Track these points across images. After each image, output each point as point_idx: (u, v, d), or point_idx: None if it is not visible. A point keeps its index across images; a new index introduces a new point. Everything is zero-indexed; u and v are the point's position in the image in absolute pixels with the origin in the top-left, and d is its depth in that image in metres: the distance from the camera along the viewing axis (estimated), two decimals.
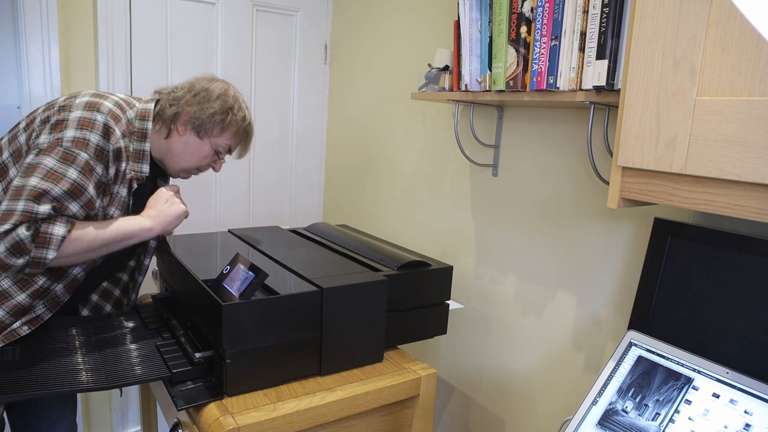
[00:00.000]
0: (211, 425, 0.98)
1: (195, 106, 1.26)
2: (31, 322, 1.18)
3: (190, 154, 1.29)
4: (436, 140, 1.76)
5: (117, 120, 1.18)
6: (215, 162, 1.35)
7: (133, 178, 1.23)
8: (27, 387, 0.97)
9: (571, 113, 1.33)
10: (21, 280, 1.15)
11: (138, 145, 1.23)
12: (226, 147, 1.33)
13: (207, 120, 1.26)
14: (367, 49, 2.07)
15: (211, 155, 1.32)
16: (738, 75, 0.68)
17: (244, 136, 1.34)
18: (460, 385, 1.71)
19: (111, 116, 1.17)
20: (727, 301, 0.93)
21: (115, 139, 1.16)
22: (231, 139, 1.32)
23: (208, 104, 1.26)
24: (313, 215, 2.42)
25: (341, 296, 1.13)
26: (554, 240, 1.39)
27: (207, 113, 1.26)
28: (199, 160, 1.31)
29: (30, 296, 1.16)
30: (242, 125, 1.31)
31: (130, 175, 1.22)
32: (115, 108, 1.19)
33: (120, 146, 1.18)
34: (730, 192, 0.72)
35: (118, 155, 1.18)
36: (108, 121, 1.15)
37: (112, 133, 1.16)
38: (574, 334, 1.35)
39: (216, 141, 1.30)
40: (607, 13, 0.99)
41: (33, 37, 1.70)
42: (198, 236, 1.50)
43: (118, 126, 1.18)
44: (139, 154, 1.23)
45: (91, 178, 1.11)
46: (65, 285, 1.21)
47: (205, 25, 1.99)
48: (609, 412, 0.90)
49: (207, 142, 1.29)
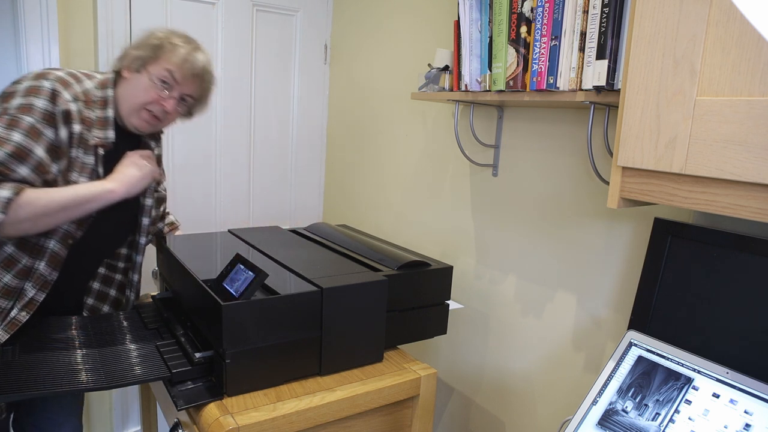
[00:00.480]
0: (211, 425, 0.98)
1: (134, 48, 1.27)
2: (28, 307, 1.19)
3: (132, 91, 1.26)
4: (436, 140, 1.76)
5: (66, 85, 1.20)
6: (162, 98, 1.27)
7: (98, 145, 1.24)
8: (27, 387, 0.97)
9: (571, 113, 1.32)
10: (3, 261, 1.17)
11: (101, 113, 1.24)
12: (166, 76, 1.26)
13: (142, 52, 1.26)
14: (367, 49, 2.07)
15: (152, 87, 1.26)
16: (738, 75, 0.68)
17: (186, 62, 1.27)
18: (460, 385, 1.71)
19: (59, 82, 1.18)
20: (727, 301, 0.93)
21: (63, 101, 1.17)
22: (168, 64, 1.25)
23: (143, 40, 1.27)
24: (313, 215, 2.42)
25: (341, 296, 1.13)
26: (554, 240, 1.39)
27: (142, 46, 1.26)
28: (142, 95, 1.26)
29: (16, 276, 1.18)
30: (178, 51, 1.26)
31: (94, 141, 1.23)
32: (66, 76, 1.22)
33: (69, 108, 1.18)
34: (730, 192, 0.72)
35: (68, 117, 1.18)
36: (55, 86, 1.17)
37: (58, 96, 1.16)
38: (574, 334, 1.35)
39: (153, 69, 1.26)
40: (607, 13, 0.99)
41: (33, 37, 1.70)
42: (198, 236, 1.50)
43: (68, 90, 1.19)
44: (102, 121, 1.24)
45: (38, 141, 1.12)
46: (47, 262, 1.22)
47: (205, 25, 1.99)
48: (609, 412, 0.90)
49: (145, 74, 1.26)
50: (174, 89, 1.27)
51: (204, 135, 2.07)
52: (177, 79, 1.27)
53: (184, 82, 1.28)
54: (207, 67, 1.31)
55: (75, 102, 1.20)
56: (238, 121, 2.13)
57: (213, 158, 2.10)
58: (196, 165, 2.07)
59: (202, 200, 2.11)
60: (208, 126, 2.07)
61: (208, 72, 1.32)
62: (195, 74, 1.29)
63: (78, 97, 1.21)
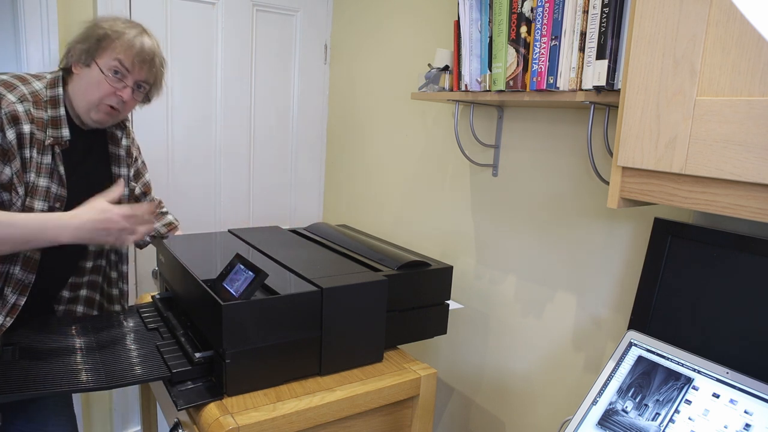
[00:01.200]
0: (211, 425, 0.98)
1: (79, 42, 1.25)
2: (11, 313, 1.19)
3: (86, 87, 1.24)
4: (436, 140, 1.76)
5: (10, 87, 1.19)
6: (117, 89, 1.24)
7: (54, 144, 1.23)
8: (27, 387, 0.97)
9: (571, 113, 1.32)
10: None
11: (53, 112, 1.23)
12: (116, 65, 1.24)
13: (88, 45, 1.23)
14: (367, 49, 2.07)
15: (104, 79, 1.24)
16: (738, 75, 0.68)
17: (133, 49, 1.23)
18: (460, 385, 1.71)
19: (2, 84, 1.18)
20: (727, 301, 0.93)
21: (7, 102, 1.16)
22: (116, 54, 1.22)
23: (87, 32, 1.24)
24: (313, 215, 2.42)
25: (341, 296, 1.13)
26: (554, 240, 1.39)
27: (87, 39, 1.24)
28: (95, 89, 1.23)
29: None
30: (124, 38, 1.23)
31: (50, 141, 1.22)
32: (10, 79, 1.21)
33: (15, 110, 1.17)
34: (730, 192, 0.72)
35: (15, 119, 1.17)
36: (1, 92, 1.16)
37: (1, 98, 1.16)
38: (574, 334, 1.35)
39: (102, 62, 1.23)
40: (607, 13, 0.99)
41: (33, 36, 1.70)
42: (198, 236, 1.50)
43: (13, 92, 1.18)
44: (55, 120, 1.23)
45: None
46: (22, 266, 1.22)
47: (205, 25, 1.99)
48: (609, 412, 0.90)
49: (95, 67, 1.23)
50: (127, 78, 1.25)
51: (204, 135, 2.07)
52: (128, 68, 1.24)
53: (135, 69, 1.25)
54: (156, 49, 1.29)
55: (21, 103, 1.19)
56: (238, 121, 2.13)
57: (213, 158, 2.10)
58: (196, 165, 2.07)
59: (202, 200, 2.11)
60: (208, 126, 2.07)
61: (157, 55, 1.30)
62: (145, 59, 1.26)
63: (25, 98, 1.20)
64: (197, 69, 1.99)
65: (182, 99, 1.99)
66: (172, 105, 1.97)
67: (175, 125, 1.99)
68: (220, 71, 2.05)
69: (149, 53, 1.26)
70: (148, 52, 1.26)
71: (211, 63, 2.02)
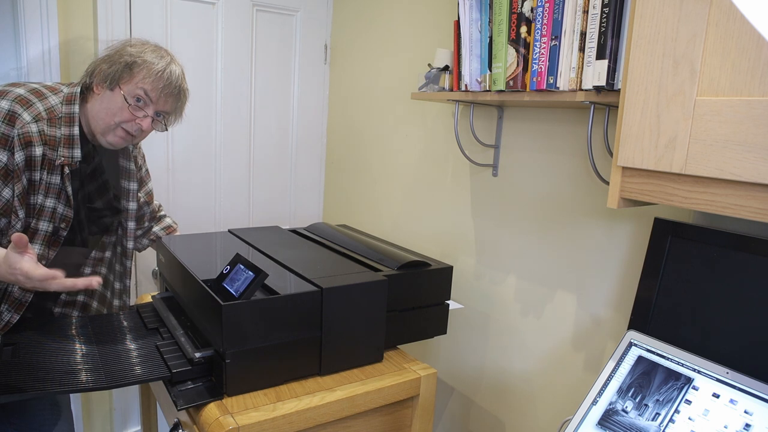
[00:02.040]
0: (211, 425, 0.98)
1: (105, 63, 1.22)
2: (2, 329, 1.21)
3: (106, 110, 1.22)
4: (436, 140, 1.76)
5: (27, 105, 1.17)
6: (139, 117, 1.24)
7: (65, 164, 1.21)
8: (27, 387, 0.97)
9: (571, 113, 1.33)
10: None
11: (67, 130, 1.21)
12: (141, 94, 1.23)
13: (114, 69, 1.21)
14: (367, 49, 2.07)
15: (126, 106, 1.22)
16: (738, 75, 0.68)
17: (160, 81, 1.23)
18: (460, 385, 1.71)
19: (18, 102, 1.16)
20: (727, 301, 0.93)
21: (21, 123, 1.14)
22: (142, 83, 1.22)
23: (116, 56, 1.23)
24: (313, 215, 2.42)
25: (341, 296, 1.13)
26: (554, 240, 1.39)
27: (114, 63, 1.22)
28: (116, 114, 1.22)
29: None
30: (152, 69, 1.22)
31: (60, 161, 1.20)
32: (27, 94, 1.18)
33: (28, 131, 1.15)
34: (730, 192, 0.72)
35: (28, 142, 1.15)
36: (13, 107, 1.14)
37: (17, 118, 1.14)
38: (574, 334, 1.35)
39: (127, 88, 1.22)
40: (607, 13, 0.99)
41: (33, 36, 1.70)
42: (198, 236, 1.50)
43: (29, 111, 1.16)
44: (68, 139, 1.21)
45: None
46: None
47: (205, 25, 1.99)
48: (609, 412, 0.90)
49: (118, 92, 1.21)
50: (149, 107, 1.24)
51: (204, 135, 2.07)
52: (152, 98, 1.24)
53: (161, 100, 1.25)
54: (181, 83, 1.28)
55: (36, 122, 1.17)
56: (238, 121, 2.13)
57: (213, 158, 2.10)
58: (196, 165, 2.07)
59: (202, 200, 2.11)
60: (208, 126, 2.07)
61: (183, 88, 1.29)
62: (171, 92, 1.25)
63: (40, 117, 1.18)
64: (197, 69, 1.99)
65: None
66: None
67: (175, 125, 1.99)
68: (220, 71, 2.05)
69: (176, 86, 1.26)
70: (174, 84, 1.25)
71: (211, 63, 2.02)
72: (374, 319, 1.20)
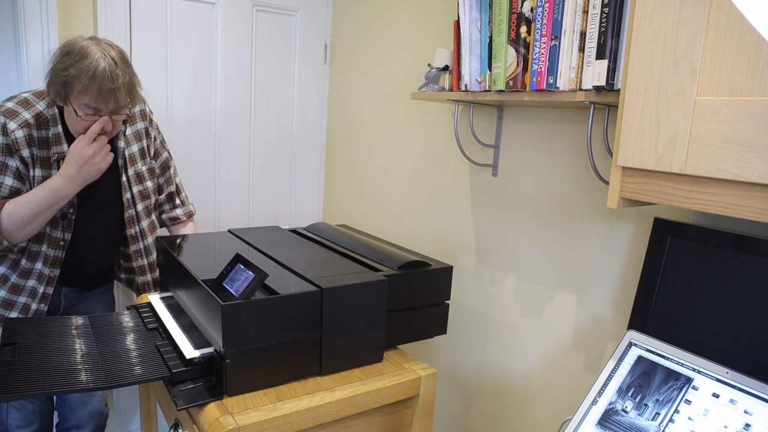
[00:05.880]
0: (211, 425, 0.98)
1: (50, 84, 1.28)
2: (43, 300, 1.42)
3: (70, 120, 1.32)
4: (436, 140, 1.76)
5: (14, 115, 1.30)
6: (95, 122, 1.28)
7: (59, 159, 1.34)
8: (26, 387, 0.97)
9: (571, 113, 1.33)
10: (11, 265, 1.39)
11: (55, 130, 1.34)
12: (85, 108, 1.26)
13: (57, 89, 1.27)
14: (367, 49, 2.07)
15: (83, 119, 1.27)
16: (738, 75, 0.68)
17: (93, 90, 1.23)
18: (460, 385, 1.71)
19: (6, 114, 1.29)
20: (727, 301, 0.93)
21: (8, 131, 1.29)
22: (81, 98, 1.24)
23: (54, 74, 1.26)
24: (313, 215, 2.42)
25: (341, 296, 1.13)
26: (554, 240, 1.39)
27: (55, 83, 1.26)
28: (78, 124, 1.29)
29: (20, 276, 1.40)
30: (83, 84, 1.22)
31: (55, 157, 1.34)
32: (15, 106, 1.31)
33: (16, 137, 1.29)
34: (729, 192, 0.72)
35: (16, 146, 1.30)
36: (4, 122, 1.29)
37: (6, 128, 1.29)
38: (574, 334, 1.35)
39: (74, 103, 1.26)
40: (607, 13, 0.99)
41: (33, 37, 1.70)
42: (198, 236, 1.50)
43: (16, 120, 1.29)
44: (57, 137, 1.34)
45: (6, 172, 1.31)
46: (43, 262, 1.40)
47: (205, 25, 1.99)
48: (609, 412, 0.90)
49: (70, 107, 1.28)
50: (100, 112, 1.30)
51: (204, 135, 2.07)
52: (96, 107, 1.28)
53: (103, 105, 1.28)
54: (114, 73, 1.24)
55: (22, 129, 1.29)
56: (238, 121, 2.13)
57: (213, 158, 2.11)
58: (196, 165, 2.07)
59: (202, 200, 2.11)
60: (208, 126, 2.07)
61: (119, 78, 1.25)
62: (108, 95, 1.26)
63: (27, 124, 1.30)
64: (197, 69, 1.99)
65: (182, 99, 1.99)
66: (172, 105, 1.97)
67: (175, 125, 1.99)
68: (220, 71, 2.05)
69: (108, 86, 1.24)
70: (107, 87, 1.24)
71: (211, 63, 2.02)
72: (374, 319, 1.20)
